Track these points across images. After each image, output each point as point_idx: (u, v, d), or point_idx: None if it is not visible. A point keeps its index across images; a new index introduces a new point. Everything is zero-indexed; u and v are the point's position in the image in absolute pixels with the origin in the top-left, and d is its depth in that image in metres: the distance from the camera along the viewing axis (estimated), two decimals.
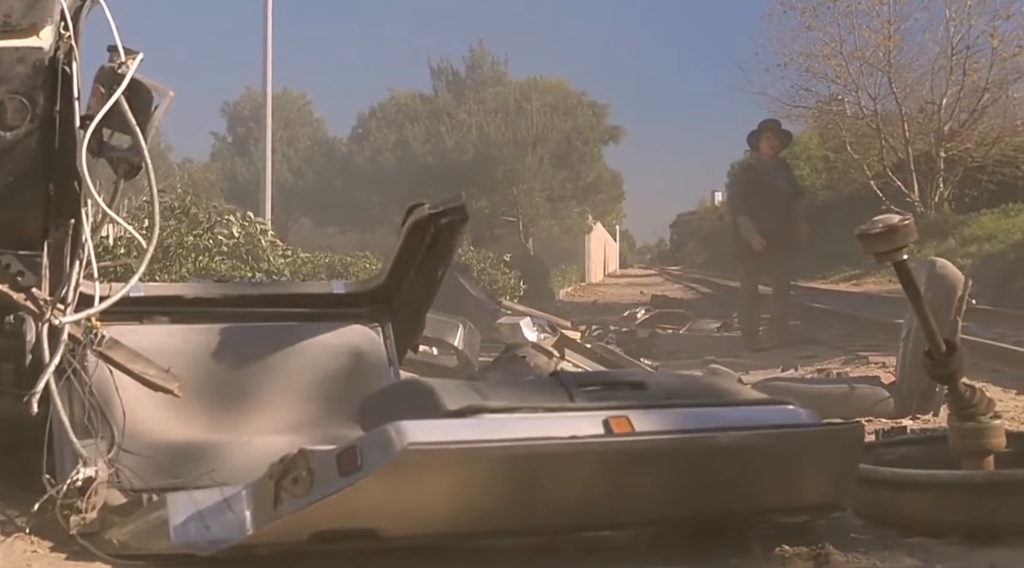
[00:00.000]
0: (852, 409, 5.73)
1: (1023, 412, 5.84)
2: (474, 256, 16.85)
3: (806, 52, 39.81)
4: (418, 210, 3.45)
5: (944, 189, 38.27)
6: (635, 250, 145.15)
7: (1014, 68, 37.12)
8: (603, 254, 61.60)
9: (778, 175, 11.89)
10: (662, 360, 10.87)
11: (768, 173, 11.80)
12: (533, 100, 36.26)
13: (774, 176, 11.80)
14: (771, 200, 11.60)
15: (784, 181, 11.95)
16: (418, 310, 3.79)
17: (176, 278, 6.01)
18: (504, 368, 4.66)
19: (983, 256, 29.83)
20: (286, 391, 3.52)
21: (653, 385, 2.88)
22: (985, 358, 8.18)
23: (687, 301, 24.34)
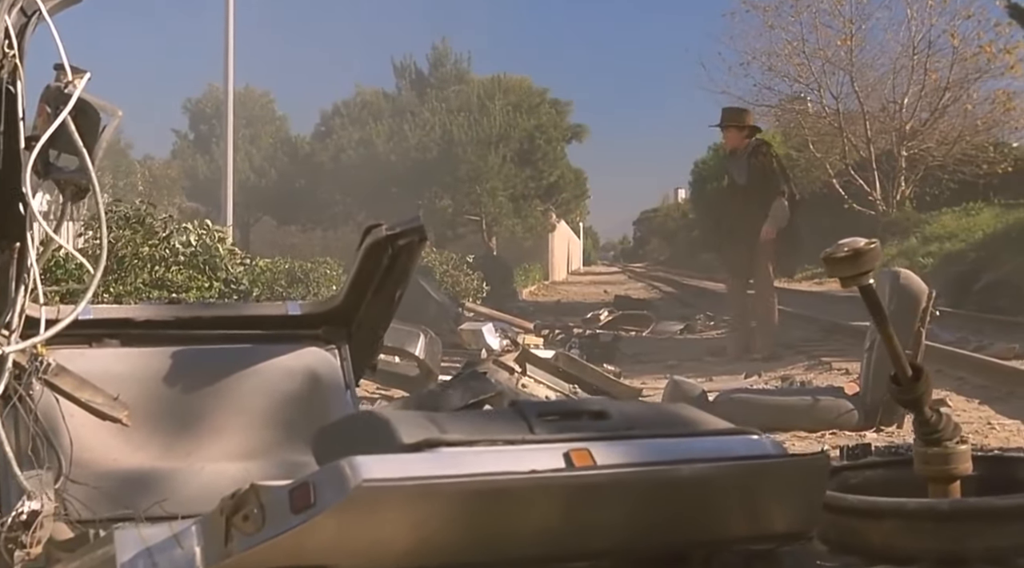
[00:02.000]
0: (816, 421, 5.71)
1: (986, 424, 5.81)
2: (437, 258, 16.75)
3: (768, 51, 39.92)
4: (375, 231, 3.37)
5: (905, 188, 38.47)
6: (599, 247, 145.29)
7: (975, 68, 37.34)
8: (567, 252, 61.61)
9: (739, 168, 11.15)
10: (625, 366, 10.82)
11: (731, 167, 11.47)
12: (496, 99, 36.19)
13: (735, 169, 11.26)
14: (730, 195, 11.44)
15: (744, 175, 11.07)
16: (376, 331, 3.71)
17: (131, 289, 5.92)
18: (464, 385, 4.58)
19: (944, 255, 29.99)
20: (240, 416, 3.44)
21: (615, 414, 2.82)
22: (949, 365, 8.18)
23: (650, 301, 24.31)
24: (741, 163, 11.06)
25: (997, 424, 5.80)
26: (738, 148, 11.08)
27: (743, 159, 11.02)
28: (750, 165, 10.93)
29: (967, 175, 37.55)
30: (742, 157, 11.02)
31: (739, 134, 11.10)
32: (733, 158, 11.26)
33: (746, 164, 10.97)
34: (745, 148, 10.99)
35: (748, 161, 10.93)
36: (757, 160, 10.96)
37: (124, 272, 5.99)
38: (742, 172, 11.04)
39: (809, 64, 39.20)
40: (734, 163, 11.21)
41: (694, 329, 15.46)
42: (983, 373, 7.47)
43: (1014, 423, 5.81)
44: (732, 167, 11.28)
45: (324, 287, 9.09)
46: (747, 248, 10.90)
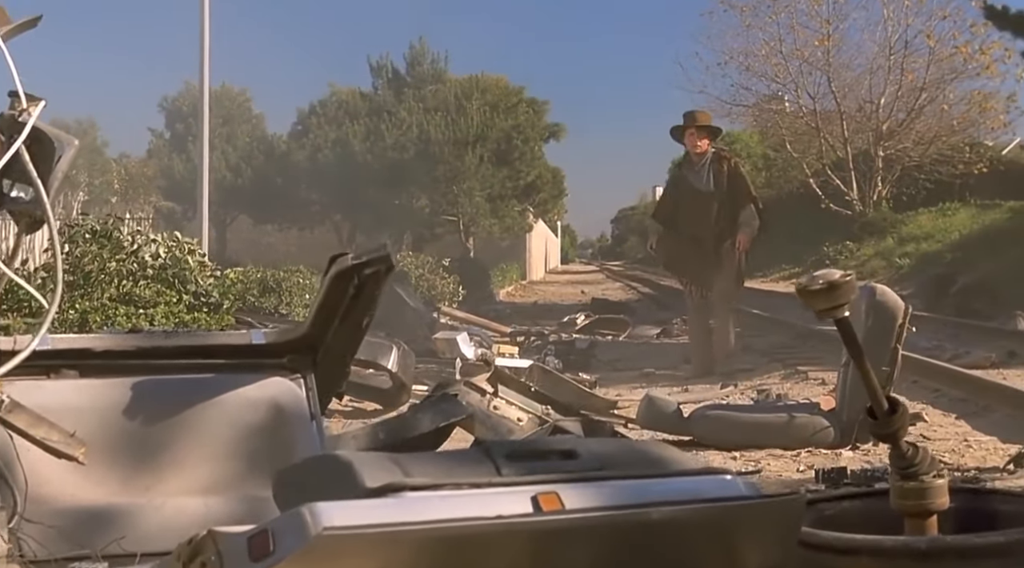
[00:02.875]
0: (791, 439, 5.66)
1: (963, 441, 5.76)
2: (412, 261, 16.66)
3: (746, 51, 40.00)
4: (341, 260, 3.28)
5: (882, 188, 38.59)
6: (576, 245, 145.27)
7: (950, 68, 37.48)
8: (544, 250, 61.57)
9: (704, 176, 10.36)
10: (602, 372, 10.78)
11: (692, 173, 10.50)
12: (473, 98, 36.08)
13: (698, 177, 10.40)
14: (691, 204, 10.36)
15: (711, 183, 10.32)
16: (343, 359, 3.63)
17: (98, 305, 5.82)
18: (435, 408, 4.50)
19: (920, 255, 30.10)
20: (202, 448, 3.35)
21: (584, 453, 2.74)
22: (924, 376, 8.14)
23: (627, 303, 24.29)
24: (701, 169, 10.39)
25: (974, 441, 5.75)
26: (703, 153, 10.39)
27: (704, 165, 10.36)
28: (714, 171, 10.30)
29: (943, 175, 37.70)
30: (702, 163, 10.38)
31: (708, 139, 10.48)
32: (691, 164, 10.53)
33: (709, 170, 10.32)
34: (705, 153, 10.37)
35: (711, 167, 10.30)
36: (722, 166, 10.35)
37: (90, 287, 5.89)
38: (704, 178, 10.35)
39: (786, 64, 39.29)
40: (692, 169, 10.49)
41: (671, 333, 15.41)
42: (960, 385, 7.42)
43: (991, 440, 5.76)
44: (690, 173, 10.50)
45: (297, 296, 9.00)
46: (715, 258, 10.29)
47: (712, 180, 10.29)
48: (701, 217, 10.26)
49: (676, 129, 10.52)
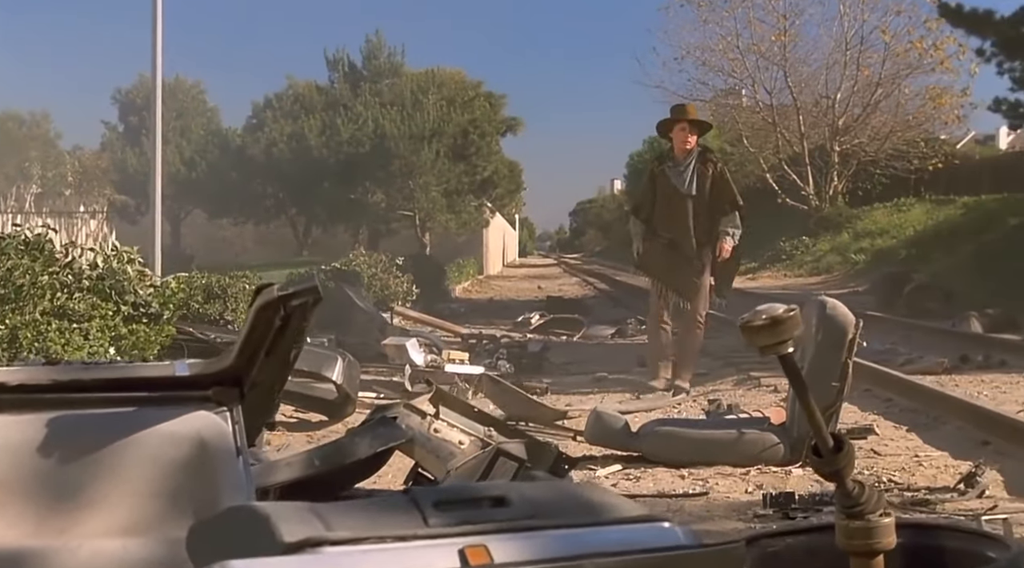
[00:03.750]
0: (741, 456, 5.57)
1: (913, 457, 5.69)
2: (365, 260, 16.47)
3: (703, 46, 40.07)
4: (266, 292, 3.14)
5: (838, 183, 38.75)
6: (535, 238, 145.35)
7: (906, 64, 37.67)
8: (502, 244, 61.50)
9: (687, 176, 9.42)
10: (554, 376, 10.67)
11: (674, 172, 9.46)
12: (430, 93, 35.91)
13: (680, 177, 9.42)
14: (673, 206, 9.39)
15: (693, 185, 9.40)
16: (271, 391, 3.49)
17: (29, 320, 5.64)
18: (373, 432, 4.36)
19: (875, 251, 30.21)
20: (121, 487, 3.20)
21: (516, 500, 2.61)
22: (877, 384, 8.08)
23: (583, 300, 24.18)
24: (686, 169, 9.43)
25: (924, 457, 5.67)
26: (690, 151, 9.45)
27: (689, 165, 9.41)
28: (698, 173, 9.39)
29: (899, 170, 37.90)
30: (687, 162, 9.42)
31: (697, 136, 9.55)
32: (674, 162, 9.52)
33: (693, 171, 9.40)
34: (692, 152, 9.45)
35: (695, 168, 9.39)
36: (706, 168, 9.44)
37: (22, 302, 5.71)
38: (687, 179, 9.42)
39: (743, 59, 39.37)
40: (675, 167, 9.47)
41: (625, 334, 15.34)
42: (911, 395, 7.36)
43: (941, 456, 5.69)
44: (672, 172, 9.46)
45: (243, 301, 8.83)
46: (696, 265, 9.44)
47: (695, 182, 9.41)
48: (678, 220, 9.40)
49: (664, 123, 9.65)
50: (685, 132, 9.42)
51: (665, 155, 9.86)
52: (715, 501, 4.79)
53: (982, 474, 4.92)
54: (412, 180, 33.85)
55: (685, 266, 9.47)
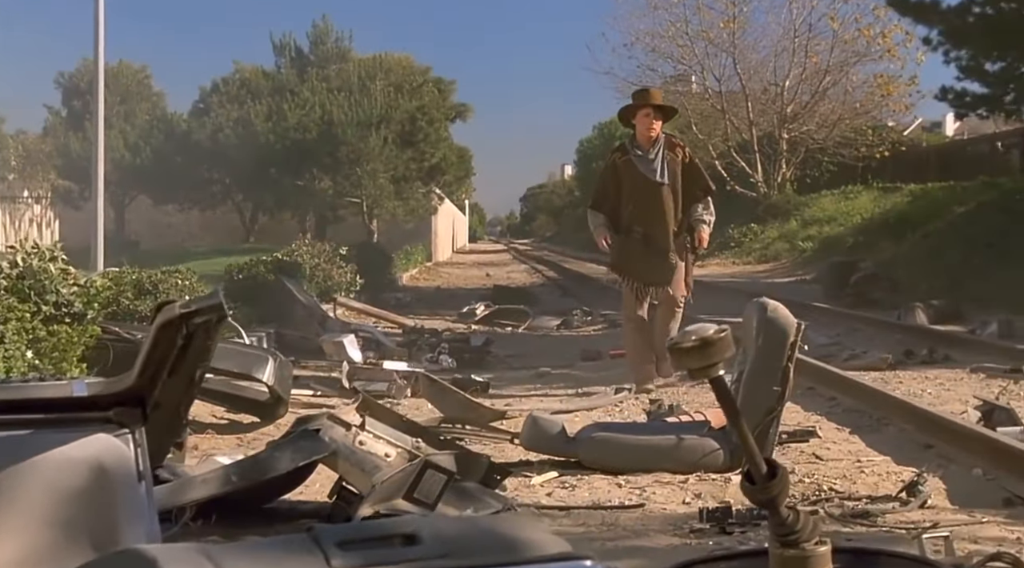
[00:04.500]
0: (680, 462, 5.43)
1: (855, 462, 5.56)
2: (308, 251, 16.22)
3: (652, 32, 40.02)
4: (167, 309, 2.95)
5: (787, 170, 38.84)
6: (486, 223, 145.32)
7: (854, 51, 37.78)
8: (451, 230, 61.24)
9: (657, 164, 8.76)
10: (496, 371, 10.52)
11: (642, 161, 8.78)
12: (377, 79, 35.60)
13: (649, 165, 8.76)
14: (644, 197, 8.72)
15: (664, 173, 8.75)
16: (177, 411, 3.30)
17: None
18: (294, 446, 4.19)
19: (823, 238, 30.27)
20: (15, 517, 3.00)
21: (428, 538, 2.43)
22: (820, 382, 7.97)
23: (530, 289, 24.05)
24: (655, 157, 8.77)
25: (867, 462, 5.55)
26: (656, 138, 8.79)
27: (657, 152, 8.76)
28: (667, 159, 8.76)
29: (846, 158, 38.04)
30: (656, 150, 8.77)
31: (662, 121, 8.91)
32: (640, 149, 8.82)
33: (662, 158, 8.76)
34: (657, 139, 8.79)
35: (664, 154, 8.76)
36: (675, 154, 8.83)
37: None
38: (658, 167, 8.75)
39: (692, 46, 39.36)
40: (642, 156, 8.78)
41: (571, 324, 15.21)
42: (855, 394, 7.25)
43: (884, 461, 5.57)
44: (640, 161, 8.78)
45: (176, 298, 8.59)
46: (673, 259, 8.81)
47: (666, 169, 8.76)
48: (655, 211, 8.73)
49: (627, 109, 9.06)
50: (650, 118, 8.74)
51: (629, 143, 9.02)
52: (651, 513, 4.65)
53: (924, 483, 4.80)
54: (359, 167, 33.55)
55: (662, 261, 8.76)
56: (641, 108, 8.83)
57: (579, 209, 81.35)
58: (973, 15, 18.08)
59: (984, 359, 9.36)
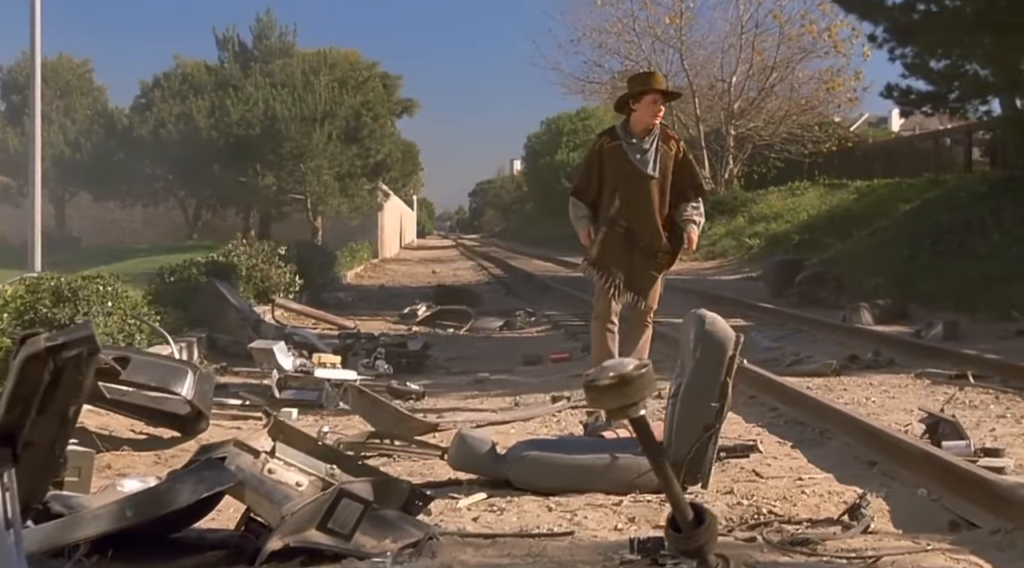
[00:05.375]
0: (614, 482, 5.19)
1: (796, 481, 5.34)
2: (246, 251, 15.85)
3: (599, 28, 39.95)
4: (31, 342, 2.68)
5: (734, 166, 38.86)
6: (435, 218, 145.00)
7: (800, 47, 37.83)
8: (399, 226, 60.84)
9: (651, 155, 7.89)
10: (434, 377, 10.25)
11: (634, 150, 7.90)
12: (322, 74, 35.21)
13: (642, 156, 7.89)
14: (633, 190, 7.89)
15: (656, 166, 7.88)
16: (52, 449, 3.02)
17: None
18: (196, 476, 3.90)
19: (770, 235, 30.23)
20: None
21: None
22: (763, 390, 7.76)
23: (475, 287, 23.80)
24: (650, 148, 7.92)
25: (808, 480, 5.33)
26: (652, 128, 7.93)
27: (652, 143, 7.92)
28: (661, 152, 7.91)
29: (793, 154, 38.13)
30: (651, 140, 7.93)
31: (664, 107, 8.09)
32: (633, 139, 7.95)
33: (656, 149, 7.91)
34: (653, 129, 7.94)
35: (658, 146, 7.91)
36: (669, 147, 7.95)
37: None
38: (651, 160, 7.91)
39: (639, 42, 39.30)
40: (636, 146, 7.93)
41: (514, 326, 14.97)
42: (798, 405, 7.03)
43: (826, 479, 5.35)
44: (633, 151, 7.92)
45: (96, 304, 8.26)
46: (660, 260, 8.03)
47: (658, 162, 7.91)
48: (640, 206, 7.91)
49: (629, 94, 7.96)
50: (658, 104, 7.88)
51: (621, 129, 8.04)
52: (581, 542, 4.39)
53: (867, 505, 4.59)
54: (303, 163, 33.16)
55: (647, 261, 7.99)
56: (648, 93, 7.89)
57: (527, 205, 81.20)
58: (918, 12, 18.00)
59: (929, 364, 9.20)
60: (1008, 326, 12.33)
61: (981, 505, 4.58)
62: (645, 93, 7.87)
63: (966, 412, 7.13)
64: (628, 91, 8.00)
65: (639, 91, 7.89)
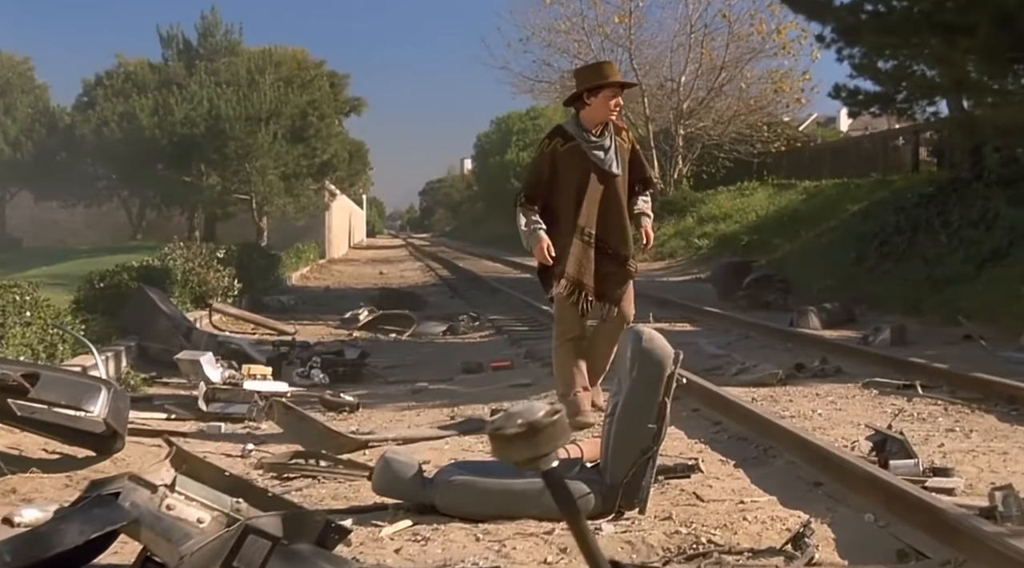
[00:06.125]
0: (547, 508, 4.89)
1: (738, 504, 5.08)
2: (182, 254, 15.48)
3: (548, 27, 39.72)
4: None
5: (683, 166, 38.77)
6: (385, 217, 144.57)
7: (749, 47, 37.80)
8: (348, 225, 60.39)
9: (611, 153, 7.25)
10: (371, 387, 9.95)
11: (592, 148, 7.22)
12: (267, 73, 34.79)
13: (605, 154, 7.23)
14: (595, 191, 7.24)
15: (616, 162, 7.26)
16: None
17: None
18: (85, 515, 3.59)
19: (719, 236, 30.11)
20: None
21: None
22: (706, 403, 7.51)
23: (422, 289, 23.50)
24: (607, 144, 7.26)
25: (751, 504, 5.07)
26: (607, 122, 7.30)
27: (609, 137, 7.27)
28: (616, 145, 7.29)
29: (742, 154, 38.11)
30: (605, 134, 7.28)
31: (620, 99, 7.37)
32: (588, 134, 7.26)
33: (613, 143, 7.28)
34: (608, 123, 7.30)
35: (614, 140, 7.28)
36: (623, 139, 7.36)
37: None
38: (611, 157, 7.26)
39: (588, 40, 39.11)
40: (594, 143, 7.25)
41: (457, 331, 14.68)
42: (742, 419, 6.77)
43: (770, 502, 5.10)
44: (591, 148, 7.24)
45: (12, 315, 7.91)
46: (632, 266, 7.45)
47: (619, 159, 7.29)
48: (611, 210, 7.28)
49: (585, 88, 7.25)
50: (616, 97, 7.23)
51: (574, 127, 7.32)
52: None
53: (811, 534, 4.34)
54: (248, 163, 32.74)
55: (619, 269, 7.37)
56: (605, 87, 7.20)
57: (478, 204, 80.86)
58: (865, 13, 17.87)
59: (877, 372, 8.99)
60: (955, 330, 12.19)
61: (931, 533, 4.35)
62: (603, 86, 7.20)
63: (915, 425, 6.92)
64: (582, 84, 7.31)
65: (597, 85, 7.21)
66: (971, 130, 19.64)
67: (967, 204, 17.73)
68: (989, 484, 5.34)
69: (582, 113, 7.29)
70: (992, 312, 12.80)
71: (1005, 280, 13.79)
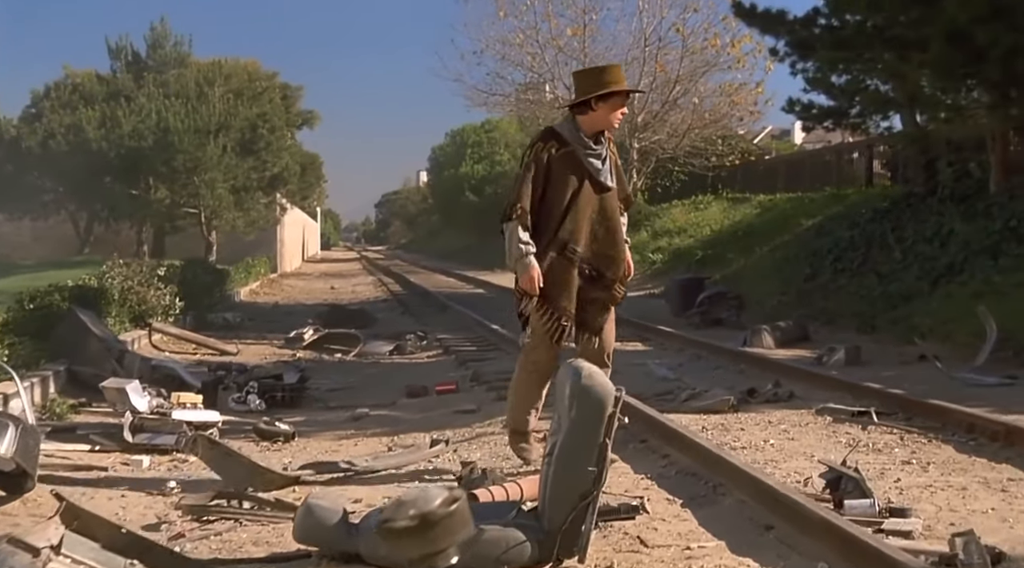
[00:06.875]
0: (480, 559, 4.57)
1: (682, 552, 4.77)
2: (120, 272, 15.04)
3: (502, 39, 39.42)
4: None
5: (637, 180, 38.55)
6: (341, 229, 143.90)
7: (703, 61, 37.69)
8: (301, 238, 59.86)
9: (609, 165, 6.56)
10: (309, 414, 9.60)
11: (589, 158, 6.46)
12: (217, 85, 34.31)
13: (603, 166, 6.52)
14: (589, 206, 6.49)
15: (611, 176, 6.57)
16: None
17: None
18: None
19: (673, 250, 29.91)
20: None
21: None
22: (655, 434, 7.20)
23: (372, 305, 23.12)
24: (604, 154, 6.54)
25: (697, 549, 4.77)
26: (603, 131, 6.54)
27: (604, 148, 6.55)
28: (610, 157, 6.59)
29: (697, 167, 37.99)
30: (602, 143, 6.54)
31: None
32: (586, 144, 6.48)
33: (607, 156, 6.56)
34: (604, 133, 6.54)
35: (607, 152, 6.57)
36: (612, 150, 6.64)
37: None
38: (607, 169, 6.56)
39: (543, 53, 38.85)
40: (591, 153, 6.49)
41: (404, 350, 14.34)
42: (691, 452, 6.45)
43: (717, 548, 4.79)
44: (588, 158, 6.49)
45: None
46: (615, 294, 6.66)
47: (612, 171, 6.60)
48: (607, 226, 6.57)
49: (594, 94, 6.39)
50: (624, 106, 6.57)
51: (569, 131, 6.51)
52: None
53: None
54: (197, 176, 32.24)
55: (603, 293, 6.61)
56: (616, 94, 6.44)
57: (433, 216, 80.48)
58: (819, 27, 17.73)
59: (831, 397, 8.73)
60: (910, 350, 11.99)
61: None
62: (616, 93, 6.44)
63: (870, 457, 6.65)
64: (591, 88, 6.44)
65: (610, 91, 6.41)
66: (924, 145, 19.54)
67: (921, 219, 17.59)
68: (948, 524, 5.09)
69: (582, 118, 6.49)
70: (947, 329, 12.61)
71: (959, 297, 13.61)
